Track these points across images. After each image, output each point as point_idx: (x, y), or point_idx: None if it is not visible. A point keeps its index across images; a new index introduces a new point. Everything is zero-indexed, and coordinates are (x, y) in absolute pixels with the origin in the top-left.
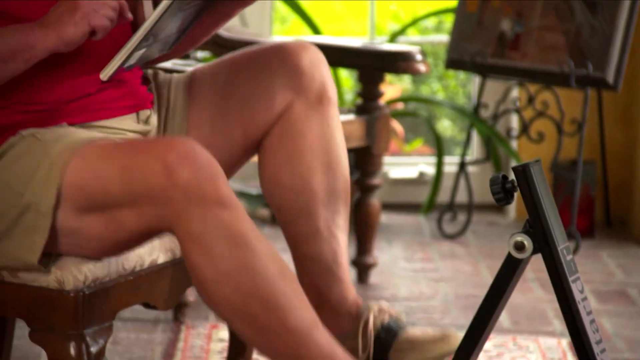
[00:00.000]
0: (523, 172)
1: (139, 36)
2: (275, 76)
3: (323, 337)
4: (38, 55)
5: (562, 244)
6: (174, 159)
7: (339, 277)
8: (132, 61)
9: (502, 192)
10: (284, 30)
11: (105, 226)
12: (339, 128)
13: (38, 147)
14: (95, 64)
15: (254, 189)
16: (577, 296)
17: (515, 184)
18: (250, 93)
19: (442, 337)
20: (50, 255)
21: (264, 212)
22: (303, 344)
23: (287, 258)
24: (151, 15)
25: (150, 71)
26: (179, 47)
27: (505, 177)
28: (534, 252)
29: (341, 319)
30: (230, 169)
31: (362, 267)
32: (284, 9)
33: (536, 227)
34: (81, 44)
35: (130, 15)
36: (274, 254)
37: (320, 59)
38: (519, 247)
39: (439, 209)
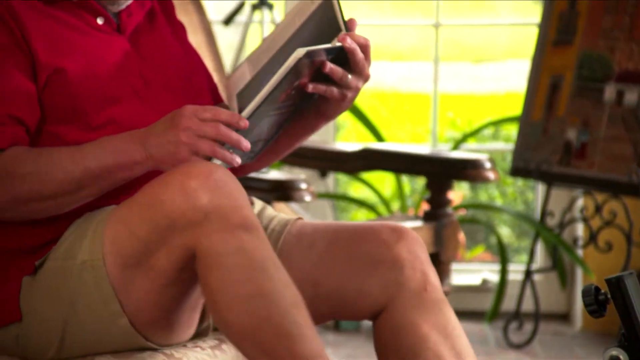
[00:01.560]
0: (617, 284)
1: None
2: (374, 269)
3: None
4: (134, 175)
5: None
6: (193, 184)
7: None
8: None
9: (595, 304)
10: (339, 136)
11: (146, 279)
12: (450, 312)
13: (93, 215)
14: None
15: None
16: None
17: (609, 295)
18: (347, 280)
19: None
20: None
21: None
22: None
23: None
24: None
25: (260, 203)
26: (263, 159)
27: (597, 289)
28: None
29: None
30: None
31: None
32: (342, 116)
33: (632, 341)
34: None
35: (245, 123)
36: (289, 283)
37: (418, 245)
38: None
39: (502, 317)
